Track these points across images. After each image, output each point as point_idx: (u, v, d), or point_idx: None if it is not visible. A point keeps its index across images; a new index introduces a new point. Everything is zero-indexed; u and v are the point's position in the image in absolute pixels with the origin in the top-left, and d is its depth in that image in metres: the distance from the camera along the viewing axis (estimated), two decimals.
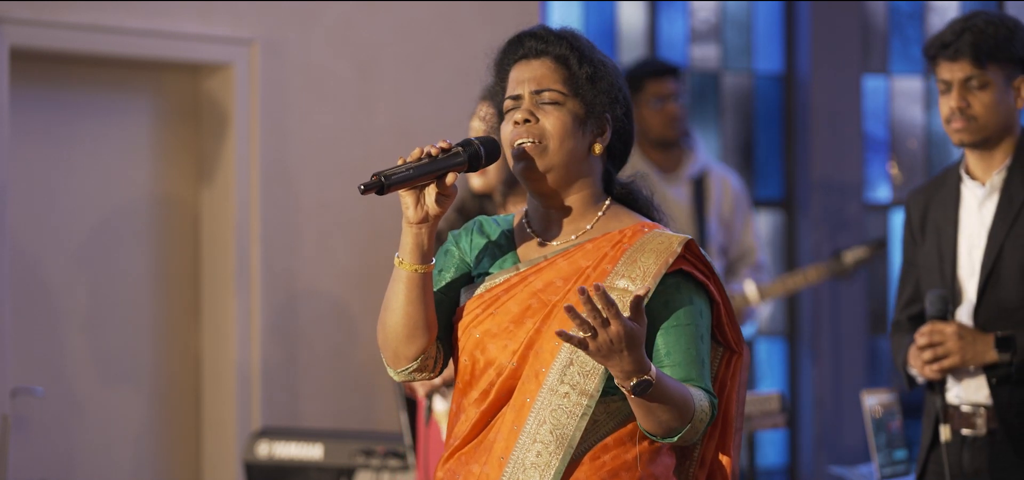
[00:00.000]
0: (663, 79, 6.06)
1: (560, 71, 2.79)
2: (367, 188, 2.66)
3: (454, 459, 2.81)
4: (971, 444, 3.94)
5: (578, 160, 2.79)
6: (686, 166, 6.12)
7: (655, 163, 6.10)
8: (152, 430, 5.88)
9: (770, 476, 7.73)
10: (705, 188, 6.12)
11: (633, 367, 2.60)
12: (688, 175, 6.11)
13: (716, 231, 6.11)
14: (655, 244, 2.76)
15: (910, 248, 4.11)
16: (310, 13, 5.94)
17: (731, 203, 6.15)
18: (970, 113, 3.89)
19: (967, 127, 3.89)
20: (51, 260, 5.65)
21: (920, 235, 4.05)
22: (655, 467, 2.75)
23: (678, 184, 6.08)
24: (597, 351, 2.59)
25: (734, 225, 6.16)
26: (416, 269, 2.74)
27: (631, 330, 2.57)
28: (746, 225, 6.19)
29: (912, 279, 4.10)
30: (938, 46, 3.92)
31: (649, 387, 2.61)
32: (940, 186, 4.06)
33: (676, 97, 6.06)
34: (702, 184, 6.12)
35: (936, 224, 4.02)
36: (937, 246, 3.99)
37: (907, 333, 4.09)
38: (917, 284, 4.07)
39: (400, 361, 2.81)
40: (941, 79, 3.93)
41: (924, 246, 4.05)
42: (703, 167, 6.14)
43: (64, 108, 5.68)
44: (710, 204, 6.12)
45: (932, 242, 4.01)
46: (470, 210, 4.34)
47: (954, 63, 3.89)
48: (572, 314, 2.56)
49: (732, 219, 6.16)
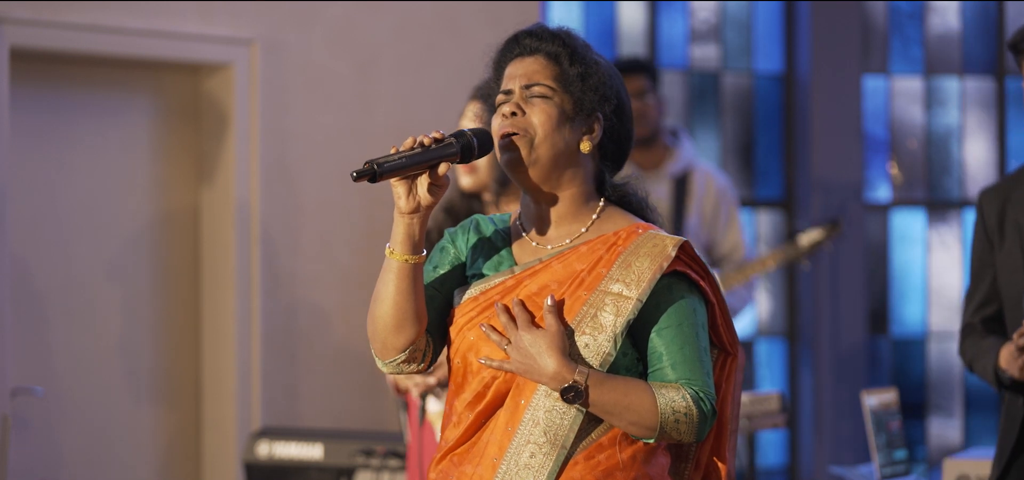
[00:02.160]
0: (631, 76, 6.00)
1: (551, 68, 2.81)
2: (359, 175, 2.69)
3: (447, 460, 2.81)
4: None
5: (565, 155, 2.80)
6: (668, 164, 6.11)
7: (635, 161, 6.09)
8: (152, 430, 5.88)
9: (770, 476, 7.73)
10: (687, 186, 6.12)
11: (556, 373, 2.67)
12: (670, 173, 6.10)
13: (697, 229, 6.11)
14: (649, 247, 2.77)
15: (985, 249, 3.99)
16: (310, 13, 5.94)
17: (714, 201, 6.14)
18: None
19: None
20: (51, 260, 5.65)
21: (998, 236, 3.94)
22: (650, 467, 2.76)
23: (659, 181, 6.08)
24: (518, 365, 2.69)
25: (717, 224, 6.15)
26: (407, 259, 2.75)
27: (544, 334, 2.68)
28: (731, 223, 6.17)
29: (987, 280, 3.99)
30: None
31: (580, 395, 2.66)
32: (1017, 184, 3.95)
33: (645, 94, 6.04)
34: (684, 182, 6.11)
35: (1017, 223, 3.91)
36: (1020, 245, 3.91)
37: (982, 336, 3.98)
38: (993, 285, 3.97)
39: (388, 352, 2.81)
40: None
41: (1004, 247, 3.94)
42: (687, 165, 6.13)
43: (64, 108, 5.68)
44: (691, 202, 6.11)
45: (1013, 242, 3.90)
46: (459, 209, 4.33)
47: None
48: (488, 329, 2.71)
49: (715, 218, 6.15)
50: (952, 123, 7.96)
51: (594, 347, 2.72)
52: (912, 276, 7.90)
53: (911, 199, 7.92)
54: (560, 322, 2.71)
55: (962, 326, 4.07)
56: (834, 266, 7.56)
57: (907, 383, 7.82)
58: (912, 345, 7.88)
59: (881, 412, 4.63)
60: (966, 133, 7.96)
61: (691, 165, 6.16)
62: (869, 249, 7.75)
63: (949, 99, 7.95)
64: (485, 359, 2.75)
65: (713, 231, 6.15)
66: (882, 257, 7.84)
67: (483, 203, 4.33)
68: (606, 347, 2.71)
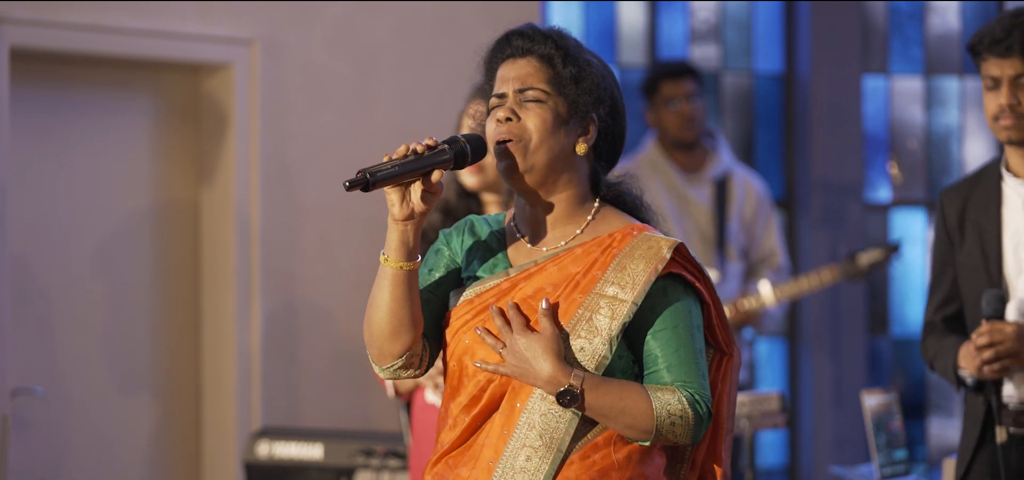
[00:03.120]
0: (678, 80, 6.11)
1: (544, 70, 2.80)
2: (352, 185, 2.67)
3: (442, 463, 2.81)
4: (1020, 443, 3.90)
5: (561, 159, 2.79)
6: (709, 167, 6.16)
7: (677, 164, 6.15)
8: (152, 430, 5.88)
9: (770, 476, 7.73)
10: (727, 190, 6.15)
11: (552, 377, 2.67)
12: (711, 176, 6.15)
13: (737, 233, 6.15)
14: (644, 249, 2.76)
15: (946, 248, 4.05)
16: (310, 13, 5.94)
17: (754, 206, 6.18)
18: (1020, 110, 3.88)
19: (1016, 124, 3.88)
20: (51, 260, 5.65)
21: (958, 235, 4.00)
22: (646, 467, 2.76)
23: (701, 185, 6.12)
24: (513, 369, 2.69)
25: (756, 228, 6.19)
26: (401, 266, 2.75)
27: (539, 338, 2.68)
28: (768, 228, 6.22)
29: (948, 279, 4.05)
30: (988, 42, 3.90)
31: (576, 399, 2.66)
32: (977, 184, 4.02)
33: (691, 97, 6.11)
34: (725, 186, 6.15)
35: (976, 223, 3.97)
36: (980, 246, 3.95)
37: (943, 335, 4.04)
38: (953, 284, 4.02)
39: (385, 358, 2.81)
40: (988, 75, 3.91)
41: (964, 246, 4.00)
42: (726, 169, 6.18)
43: (64, 108, 5.68)
44: (732, 206, 6.15)
45: (973, 242, 3.96)
46: (456, 210, 4.32)
47: (1005, 60, 3.88)
48: (483, 333, 2.71)
49: (754, 222, 6.19)
50: (952, 123, 7.96)
51: (589, 350, 2.72)
52: (912, 276, 7.89)
53: (911, 199, 7.92)
54: (555, 325, 2.71)
55: (924, 323, 4.12)
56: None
57: (907, 383, 7.82)
58: (912, 345, 7.87)
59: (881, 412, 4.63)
60: (966, 133, 7.96)
61: (730, 168, 6.20)
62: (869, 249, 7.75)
63: (949, 99, 7.95)
64: (480, 362, 2.75)
65: (751, 235, 6.18)
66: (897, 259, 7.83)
67: (482, 203, 4.32)
68: (601, 350, 2.71)
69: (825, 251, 7.47)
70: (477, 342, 2.77)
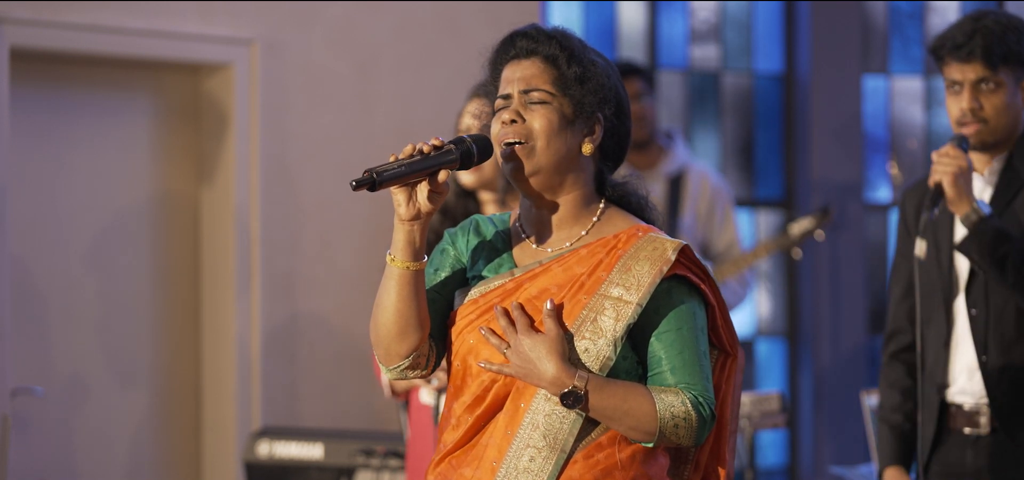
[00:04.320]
0: (627, 79, 6.10)
1: (549, 71, 2.79)
2: (359, 184, 2.66)
3: (445, 463, 2.81)
4: (974, 443, 3.93)
5: (567, 160, 2.78)
6: (662, 165, 6.20)
7: (631, 163, 6.16)
8: (152, 430, 5.88)
9: (770, 476, 7.73)
10: (682, 186, 6.19)
11: (556, 378, 2.67)
12: (664, 173, 6.19)
13: (692, 227, 6.19)
14: (649, 250, 2.76)
15: (906, 244, 4.10)
16: (310, 13, 5.94)
17: (709, 200, 6.22)
18: (982, 115, 3.89)
19: (979, 129, 3.90)
20: (51, 260, 5.65)
21: (916, 230, 4.05)
22: (649, 467, 2.76)
23: (654, 182, 6.15)
24: (517, 370, 2.69)
25: (713, 222, 6.23)
26: (408, 266, 2.74)
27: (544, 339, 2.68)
28: (726, 222, 6.26)
29: (904, 273, 4.09)
30: (949, 46, 3.91)
31: (580, 400, 2.65)
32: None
33: (639, 97, 6.13)
34: (679, 182, 6.19)
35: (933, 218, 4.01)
36: (933, 236, 3.99)
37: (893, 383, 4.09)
38: (910, 276, 4.06)
39: (392, 359, 2.81)
40: (951, 79, 3.92)
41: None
42: (681, 166, 6.22)
43: (64, 108, 5.68)
44: (686, 201, 6.19)
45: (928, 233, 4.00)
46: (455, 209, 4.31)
47: (966, 64, 3.89)
48: (487, 333, 2.71)
49: (710, 216, 6.23)
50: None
51: (594, 351, 2.71)
52: None
53: None
54: (560, 326, 2.70)
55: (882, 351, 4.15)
56: (834, 266, 7.56)
57: None
58: None
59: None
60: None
61: (686, 165, 6.24)
62: (869, 249, 7.75)
63: None
64: (484, 363, 2.74)
65: (708, 230, 6.23)
66: (882, 257, 7.83)
67: (480, 202, 4.31)
68: (606, 352, 2.71)
69: (824, 251, 7.47)
70: (481, 342, 2.76)
